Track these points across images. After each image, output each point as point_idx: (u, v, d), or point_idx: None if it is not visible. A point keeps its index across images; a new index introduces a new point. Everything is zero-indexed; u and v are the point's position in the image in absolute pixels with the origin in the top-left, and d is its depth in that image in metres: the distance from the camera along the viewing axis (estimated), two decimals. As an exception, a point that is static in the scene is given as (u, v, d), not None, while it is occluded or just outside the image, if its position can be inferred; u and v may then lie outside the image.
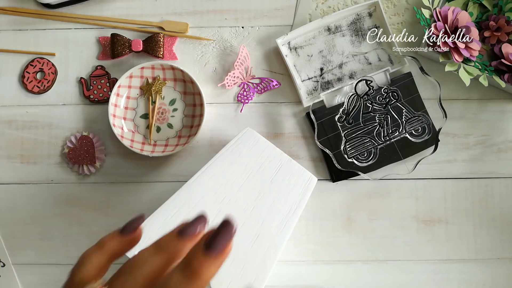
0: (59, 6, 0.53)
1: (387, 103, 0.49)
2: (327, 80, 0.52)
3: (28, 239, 0.50)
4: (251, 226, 0.39)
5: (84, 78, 0.52)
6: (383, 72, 0.50)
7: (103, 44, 0.52)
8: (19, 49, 0.53)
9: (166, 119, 0.51)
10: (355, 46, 0.52)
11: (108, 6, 0.53)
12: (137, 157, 0.51)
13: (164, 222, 0.37)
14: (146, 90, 0.51)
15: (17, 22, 0.53)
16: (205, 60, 0.53)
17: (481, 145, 0.51)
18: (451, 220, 0.51)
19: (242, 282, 0.37)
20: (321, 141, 0.49)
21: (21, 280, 0.50)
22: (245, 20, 0.53)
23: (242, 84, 0.52)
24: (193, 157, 0.51)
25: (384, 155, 0.49)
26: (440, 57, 0.49)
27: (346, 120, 0.49)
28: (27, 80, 0.52)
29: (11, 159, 0.51)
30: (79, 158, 0.50)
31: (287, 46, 0.52)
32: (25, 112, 0.52)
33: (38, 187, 0.51)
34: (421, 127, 0.49)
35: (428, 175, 0.51)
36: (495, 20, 0.50)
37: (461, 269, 0.50)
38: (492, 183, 0.51)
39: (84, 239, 0.50)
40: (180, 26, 0.53)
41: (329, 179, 0.51)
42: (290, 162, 0.43)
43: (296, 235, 0.47)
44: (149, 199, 0.50)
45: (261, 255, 0.38)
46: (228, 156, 0.42)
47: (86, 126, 0.52)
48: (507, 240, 0.50)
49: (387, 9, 0.53)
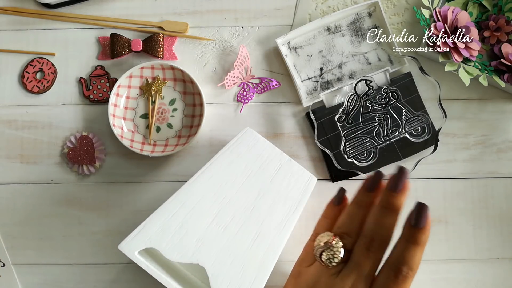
0: (59, 6, 0.53)
1: (387, 103, 0.49)
2: (327, 80, 0.52)
3: (28, 239, 0.50)
4: (251, 226, 0.39)
5: (84, 78, 0.52)
6: (383, 72, 0.50)
7: (103, 44, 0.52)
8: (18, 49, 0.53)
9: (166, 119, 0.51)
10: (355, 46, 0.52)
11: (108, 6, 0.53)
12: (137, 157, 0.51)
13: (164, 222, 0.38)
14: (145, 90, 0.51)
15: (17, 22, 0.53)
16: (205, 60, 0.53)
17: (480, 145, 0.51)
18: (450, 220, 0.51)
19: (242, 282, 0.37)
20: (320, 141, 0.49)
21: (21, 280, 0.50)
22: (245, 20, 0.53)
23: (242, 84, 0.52)
24: (193, 157, 0.51)
25: (384, 155, 0.50)
26: (440, 57, 0.49)
27: (346, 120, 0.49)
28: (27, 80, 0.52)
29: (11, 159, 0.51)
30: (79, 158, 0.50)
31: (287, 46, 0.52)
32: (24, 112, 0.52)
33: (38, 187, 0.51)
34: (420, 127, 0.49)
35: (427, 175, 0.51)
36: (495, 20, 0.50)
37: (460, 269, 0.50)
38: (492, 183, 0.51)
39: (84, 239, 0.50)
40: (180, 26, 0.53)
41: (329, 179, 0.51)
42: (290, 162, 0.43)
43: (296, 235, 0.47)
44: (149, 199, 0.51)
45: (261, 255, 0.38)
46: (228, 156, 0.42)
47: (86, 126, 0.52)
48: (507, 240, 0.50)
49: (387, 9, 0.53)
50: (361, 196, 0.36)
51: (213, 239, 0.38)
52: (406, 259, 0.32)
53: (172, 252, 0.36)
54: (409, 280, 0.33)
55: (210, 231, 0.38)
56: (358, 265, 0.33)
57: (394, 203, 0.33)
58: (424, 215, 0.32)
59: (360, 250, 0.33)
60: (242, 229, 0.39)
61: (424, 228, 0.32)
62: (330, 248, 0.34)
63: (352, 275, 0.33)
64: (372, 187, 0.35)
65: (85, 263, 0.50)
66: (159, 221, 0.37)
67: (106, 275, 0.50)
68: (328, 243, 0.34)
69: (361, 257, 0.33)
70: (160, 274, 0.36)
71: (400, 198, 0.33)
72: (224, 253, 0.37)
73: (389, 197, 0.33)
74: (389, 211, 0.33)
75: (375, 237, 0.33)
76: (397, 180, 0.33)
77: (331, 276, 0.34)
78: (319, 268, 0.35)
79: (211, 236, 0.38)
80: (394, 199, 0.33)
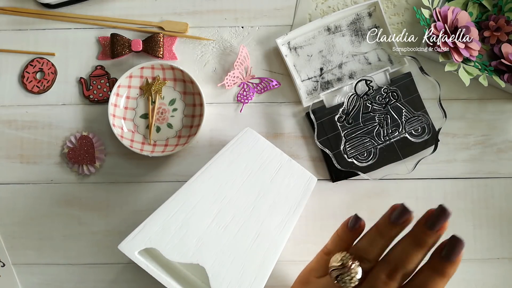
0: (59, 6, 0.53)
1: (387, 103, 0.49)
2: (327, 80, 0.52)
3: (28, 239, 0.50)
4: (251, 226, 0.39)
5: (84, 78, 0.52)
6: (383, 72, 0.50)
7: (103, 44, 0.52)
8: (18, 49, 0.53)
9: (166, 119, 0.51)
10: (355, 46, 0.52)
11: (108, 6, 0.53)
12: (137, 157, 0.51)
13: (164, 222, 0.38)
14: (145, 90, 0.51)
15: (17, 22, 0.53)
16: (205, 60, 0.53)
17: (480, 145, 0.51)
18: (450, 220, 0.50)
19: (242, 282, 0.37)
20: (321, 141, 0.49)
21: (21, 280, 0.50)
22: (245, 20, 0.53)
23: (242, 84, 0.52)
24: (193, 157, 0.51)
25: (384, 155, 0.49)
26: (440, 57, 0.49)
27: (346, 120, 0.49)
28: (27, 80, 0.52)
29: (11, 159, 0.51)
30: (79, 158, 0.50)
31: (287, 46, 0.52)
32: (24, 112, 0.52)
33: (38, 187, 0.51)
34: (421, 127, 0.49)
35: (428, 175, 0.51)
36: (495, 20, 0.50)
37: (460, 269, 0.50)
38: (492, 183, 0.51)
39: (84, 239, 0.50)
40: (180, 26, 0.53)
41: (329, 179, 0.51)
42: (290, 162, 0.43)
43: (296, 235, 0.47)
44: (149, 199, 0.51)
45: (261, 255, 0.38)
46: (228, 156, 0.42)
47: (86, 126, 0.52)
48: (507, 240, 0.50)
49: (387, 9, 0.53)
50: (385, 226, 0.34)
51: (213, 239, 0.38)
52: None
53: (172, 252, 0.36)
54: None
55: (210, 231, 0.38)
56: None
57: (427, 241, 0.32)
58: (458, 250, 0.31)
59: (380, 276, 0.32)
60: (242, 229, 0.39)
61: (455, 262, 0.31)
62: (349, 271, 0.33)
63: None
64: (398, 221, 0.34)
65: (85, 263, 0.50)
66: (159, 221, 0.37)
67: (106, 275, 0.50)
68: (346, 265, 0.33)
69: (380, 283, 0.32)
70: (160, 274, 0.36)
71: (435, 237, 0.32)
72: (224, 253, 0.37)
73: (423, 234, 0.32)
74: (420, 247, 0.32)
75: (399, 267, 0.32)
76: (437, 220, 0.32)
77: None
78: (331, 284, 0.34)
79: (211, 236, 0.38)
80: (428, 237, 0.32)
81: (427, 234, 0.32)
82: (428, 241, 0.32)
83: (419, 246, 0.32)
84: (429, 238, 0.32)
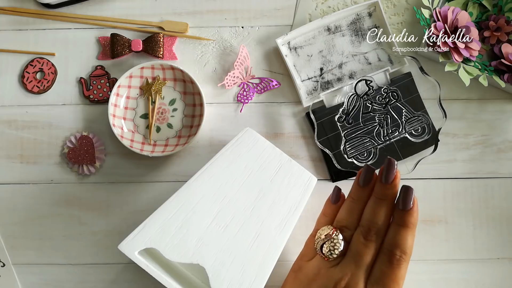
0: (59, 6, 0.53)
1: (387, 103, 0.49)
2: (327, 80, 0.52)
3: (28, 239, 0.50)
4: (251, 226, 0.39)
5: (84, 78, 0.52)
6: (383, 72, 0.50)
7: (103, 44, 0.52)
8: (18, 49, 0.53)
9: (166, 119, 0.51)
10: (355, 46, 0.52)
11: (108, 6, 0.53)
12: (137, 157, 0.51)
13: (164, 222, 0.38)
14: (146, 90, 0.51)
15: (17, 22, 0.53)
16: (205, 60, 0.53)
17: (480, 145, 0.51)
18: (450, 220, 0.51)
19: (242, 281, 0.37)
20: (321, 141, 0.49)
21: (21, 280, 0.50)
22: (245, 20, 0.53)
23: (242, 84, 0.52)
24: (193, 157, 0.51)
25: (384, 155, 0.49)
26: (440, 57, 0.49)
27: (346, 120, 0.49)
28: (27, 80, 0.52)
29: (11, 159, 0.51)
30: (79, 158, 0.50)
31: (287, 46, 0.52)
32: (25, 112, 0.52)
33: (38, 187, 0.51)
34: (421, 127, 0.49)
35: (427, 175, 0.51)
36: (495, 20, 0.50)
37: (460, 269, 0.50)
38: (492, 183, 0.51)
39: (84, 239, 0.50)
40: (180, 26, 0.53)
41: (329, 179, 0.51)
42: (290, 162, 0.43)
43: (296, 235, 0.47)
44: (149, 199, 0.51)
45: (261, 255, 0.38)
46: (228, 156, 0.42)
47: (86, 126, 0.52)
48: (507, 240, 0.50)
49: (387, 9, 0.53)
50: (356, 191, 0.38)
51: (213, 239, 0.38)
52: (398, 243, 0.34)
53: (172, 252, 0.36)
54: (403, 264, 0.33)
55: (210, 231, 0.38)
56: (356, 255, 0.34)
57: (387, 193, 0.36)
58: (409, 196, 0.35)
59: (358, 240, 0.35)
60: (242, 229, 0.39)
61: (411, 210, 0.35)
62: (331, 240, 0.36)
63: (351, 264, 0.34)
64: (365, 182, 0.38)
65: (85, 263, 0.50)
66: (159, 221, 0.37)
67: (106, 275, 0.50)
68: (328, 235, 0.36)
69: (359, 246, 0.34)
70: (160, 274, 0.36)
71: (392, 188, 0.36)
72: (224, 253, 0.37)
73: (382, 189, 0.36)
74: (383, 201, 0.36)
75: (371, 227, 0.35)
76: (387, 172, 0.36)
77: (331, 267, 0.35)
78: (319, 261, 0.36)
79: (211, 236, 0.38)
80: (387, 190, 0.36)
81: (385, 187, 0.36)
82: (387, 193, 0.36)
83: (381, 200, 0.36)
84: (387, 190, 0.36)
